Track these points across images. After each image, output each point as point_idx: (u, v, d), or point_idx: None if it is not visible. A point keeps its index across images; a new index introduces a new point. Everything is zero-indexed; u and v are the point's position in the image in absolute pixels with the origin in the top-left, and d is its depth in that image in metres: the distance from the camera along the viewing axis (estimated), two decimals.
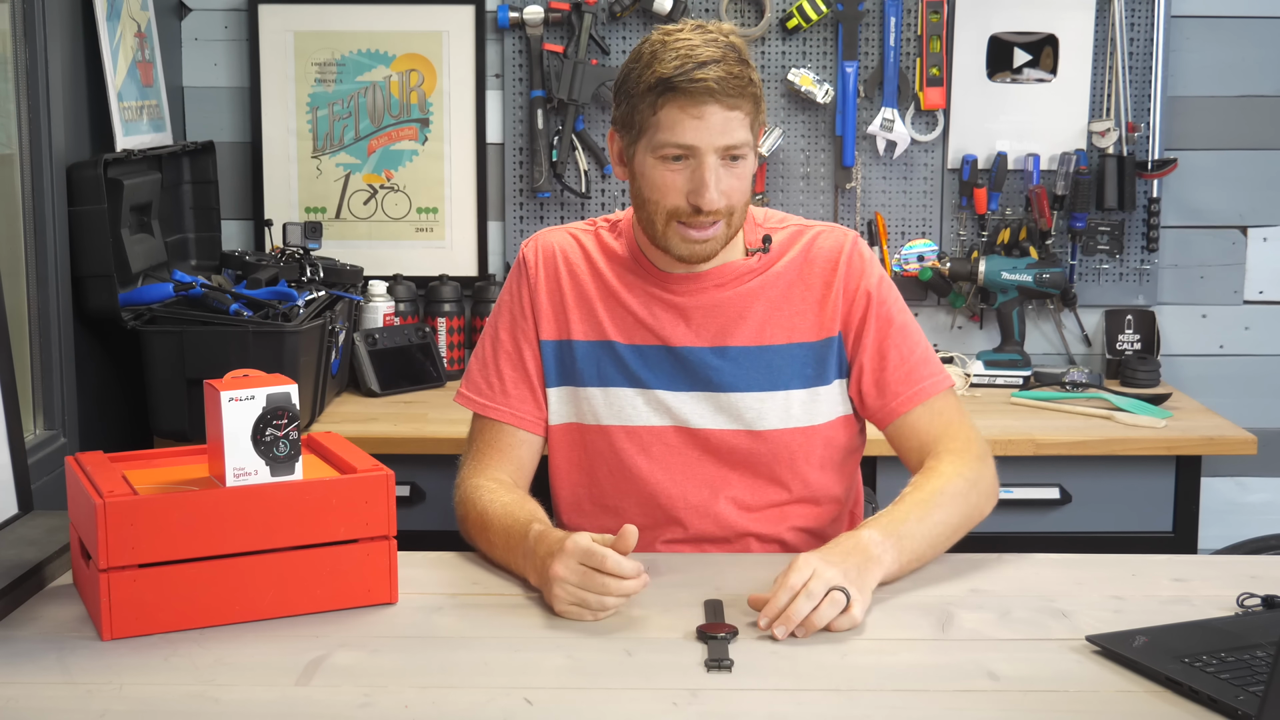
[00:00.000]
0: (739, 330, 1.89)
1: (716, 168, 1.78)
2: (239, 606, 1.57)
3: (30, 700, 1.39)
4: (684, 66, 1.75)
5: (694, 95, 1.75)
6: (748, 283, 1.91)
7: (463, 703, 1.38)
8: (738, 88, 1.76)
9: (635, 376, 1.90)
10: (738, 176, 1.81)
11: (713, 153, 1.77)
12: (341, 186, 3.23)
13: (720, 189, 1.78)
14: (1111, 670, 1.45)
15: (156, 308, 2.60)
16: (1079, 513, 2.75)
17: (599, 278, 1.93)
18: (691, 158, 1.78)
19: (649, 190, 1.82)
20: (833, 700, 1.39)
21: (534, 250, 1.97)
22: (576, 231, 1.98)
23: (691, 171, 1.78)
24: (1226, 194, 3.23)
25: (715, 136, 1.76)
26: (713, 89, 1.74)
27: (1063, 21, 3.16)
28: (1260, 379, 3.28)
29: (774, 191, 3.20)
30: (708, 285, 1.90)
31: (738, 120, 1.78)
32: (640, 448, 1.90)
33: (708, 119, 1.76)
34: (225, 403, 1.55)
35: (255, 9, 3.17)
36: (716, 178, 1.78)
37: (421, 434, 2.70)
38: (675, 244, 1.83)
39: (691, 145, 1.77)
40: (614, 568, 1.57)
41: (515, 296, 1.96)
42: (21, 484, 1.87)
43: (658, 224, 1.83)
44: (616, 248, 1.94)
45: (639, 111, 1.80)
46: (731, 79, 1.76)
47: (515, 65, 3.18)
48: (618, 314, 1.92)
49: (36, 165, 2.40)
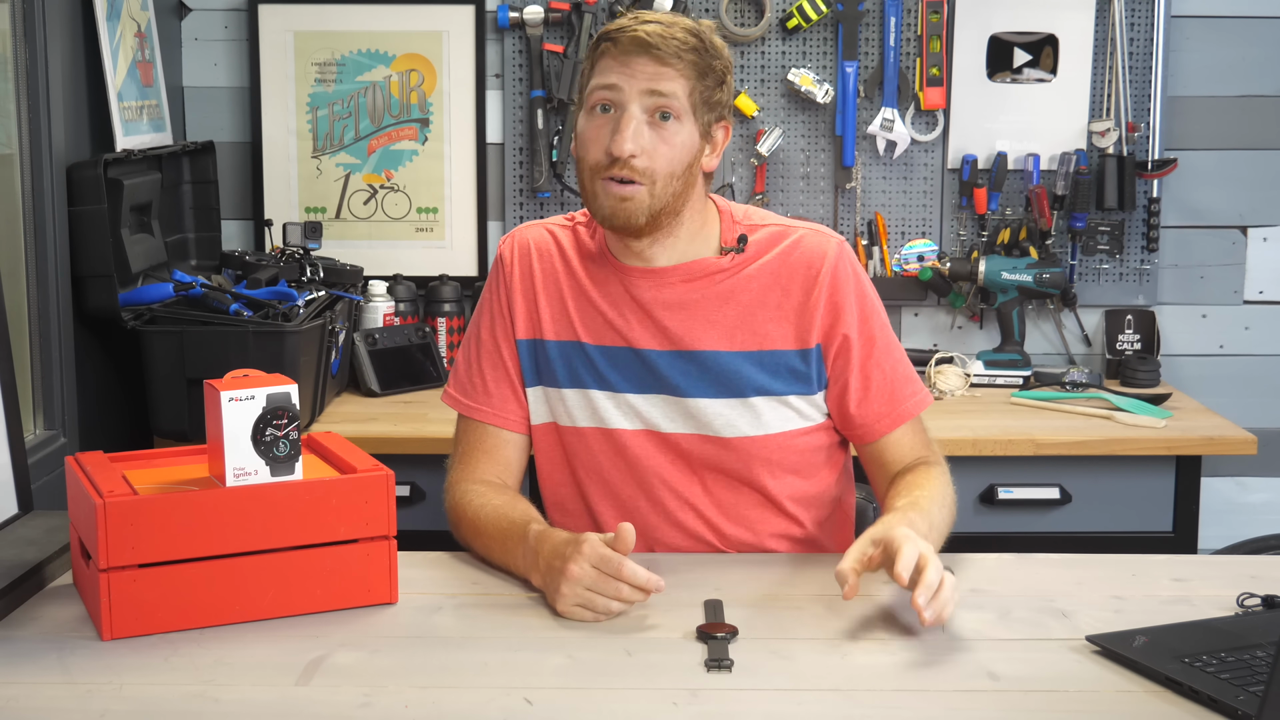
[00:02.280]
0: (707, 334, 1.84)
1: (639, 119, 1.75)
2: (239, 606, 1.57)
3: (30, 700, 1.39)
4: (624, 24, 1.77)
5: (624, 45, 1.76)
6: (719, 283, 1.85)
7: (463, 703, 1.38)
8: (674, 47, 1.75)
9: (604, 379, 1.86)
10: (664, 140, 1.76)
11: (636, 100, 1.75)
12: (341, 186, 3.23)
13: (640, 144, 1.75)
14: (1111, 670, 1.45)
15: (156, 308, 2.60)
16: (1079, 513, 2.75)
17: (572, 275, 1.90)
18: (616, 109, 1.77)
19: (579, 148, 1.81)
20: (833, 700, 1.39)
21: (510, 247, 1.94)
22: (554, 227, 1.95)
23: (615, 122, 1.76)
24: (1226, 194, 3.24)
25: (641, 81, 1.75)
26: (642, 39, 1.74)
27: (1063, 21, 3.16)
28: (1260, 379, 3.28)
29: (774, 191, 3.20)
30: (673, 280, 1.85)
31: (669, 75, 1.75)
32: (616, 450, 1.87)
33: (634, 67, 1.75)
34: (225, 403, 1.55)
35: (255, 9, 3.17)
36: (636, 129, 1.75)
37: (421, 434, 2.70)
38: (601, 204, 1.79)
39: (614, 85, 1.75)
40: (629, 576, 1.57)
41: (494, 294, 1.94)
42: (21, 484, 1.87)
43: (586, 183, 1.81)
44: (590, 245, 1.91)
45: (584, 75, 1.82)
46: (668, 37, 1.75)
47: (515, 65, 3.18)
48: (588, 314, 1.88)
49: (36, 165, 2.40)
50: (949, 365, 3.03)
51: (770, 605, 1.64)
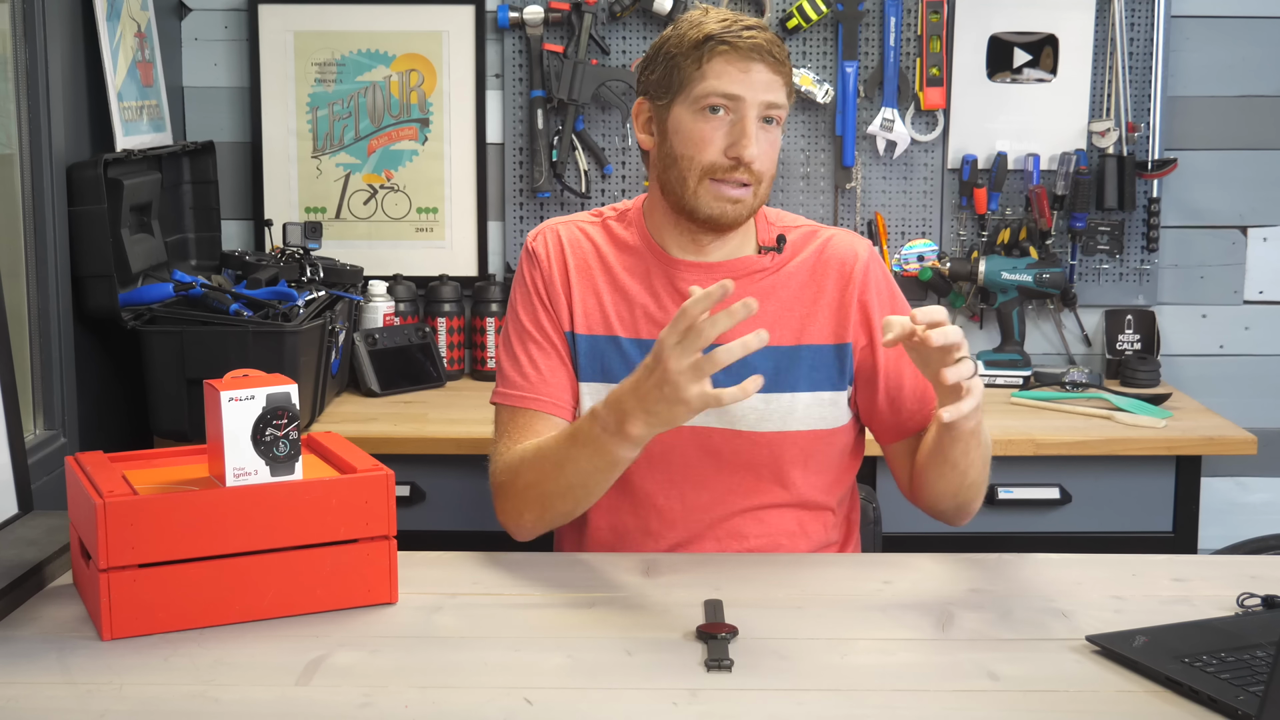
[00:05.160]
0: (746, 329, 1.85)
1: (757, 124, 1.80)
2: (239, 606, 1.57)
3: (30, 700, 1.39)
4: (732, 26, 1.80)
5: (742, 50, 1.79)
6: (759, 282, 1.90)
7: (463, 703, 1.38)
8: (782, 55, 1.82)
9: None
10: (771, 143, 1.83)
11: (755, 106, 1.80)
12: (341, 186, 3.23)
13: (760, 148, 1.80)
14: (1111, 670, 1.45)
15: (156, 308, 2.60)
16: (1079, 513, 2.75)
17: (607, 271, 1.92)
18: (732, 112, 1.80)
19: (684, 146, 1.82)
20: (833, 700, 1.39)
21: (542, 242, 1.95)
22: (583, 223, 1.97)
23: (731, 125, 1.80)
24: (1226, 194, 3.24)
25: (760, 91, 1.79)
26: (761, 45, 1.79)
27: (1063, 21, 3.16)
28: (1260, 379, 3.28)
29: (774, 191, 3.20)
30: (718, 275, 1.87)
31: (779, 84, 1.81)
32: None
33: (753, 74, 1.79)
34: (225, 403, 1.55)
35: (255, 9, 3.17)
36: (757, 135, 1.80)
37: (421, 434, 2.70)
38: (706, 203, 1.82)
39: (737, 95, 1.79)
40: (701, 310, 1.54)
41: (533, 286, 1.93)
42: (21, 484, 1.87)
43: (690, 181, 1.82)
44: (626, 237, 1.93)
45: (681, 69, 1.82)
46: (776, 45, 1.81)
47: (515, 65, 3.18)
48: (623, 307, 1.90)
49: (36, 165, 2.40)
50: None
51: (770, 605, 1.64)
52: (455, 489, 2.71)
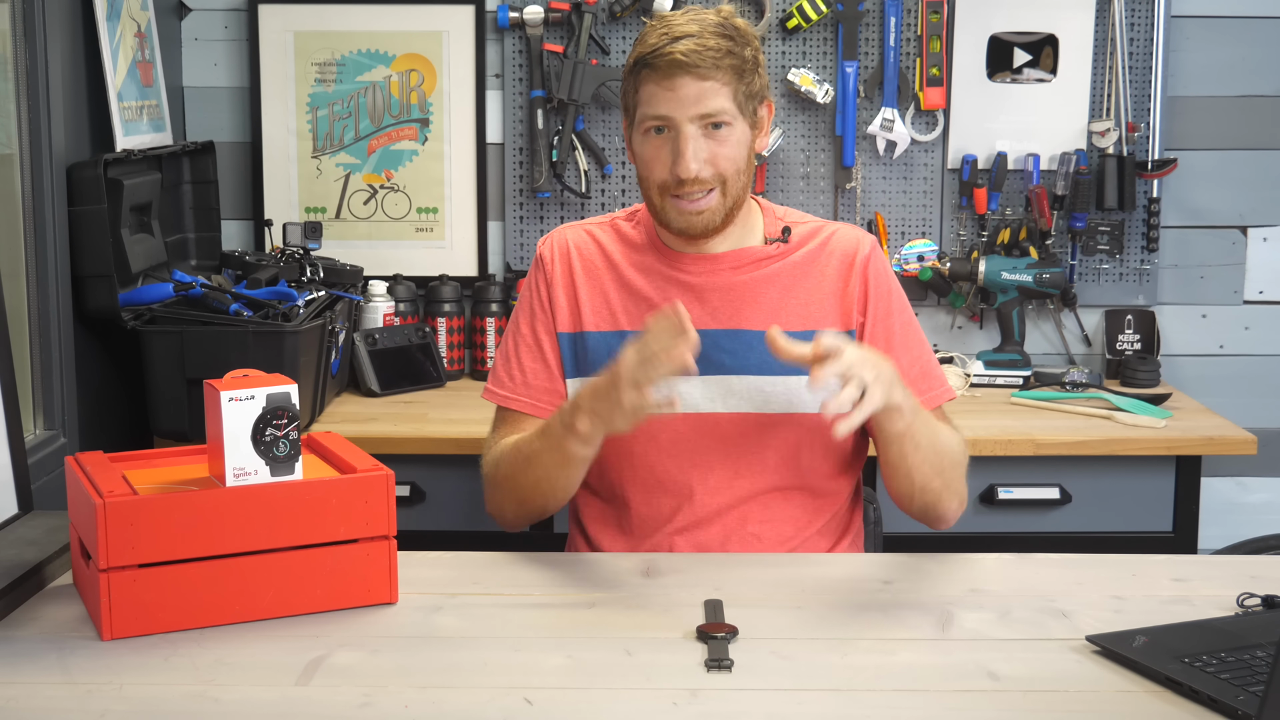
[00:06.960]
0: (752, 313, 1.92)
1: (696, 137, 1.82)
2: (239, 606, 1.57)
3: (30, 700, 1.39)
4: (659, 44, 1.82)
5: (664, 70, 1.82)
6: (764, 269, 1.94)
7: (463, 703, 1.38)
8: (711, 59, 1.81)
9: None
10: (722, 143, 1.84)
11: (688, 123, 1.82)
12: (341, 186, 3.23)
13: (701, 158, 1.83)
14: (1111, 670, 1.45)
15: (156, 308, 2.60)
16: (1079, 513, 2.75)
17: (613, 268, 1.97)
18: (670, 129, 1.84)
19: (640, 167, 1.89)
20: (833, 700, 1.39)
21: (550, 247, 2.01)
22: (592, 227, 2.02)
23: (672, 143, 1.84)
24: (1226, 194, 3.23)
25: (688, 107, 1.82)
26: (680, 61, 1.80)
27: (1063, 21, 3.16)
28: (1260, 379, 3.28)
29: (774, 192, 3.20)
30: (722, 268, 1.93)
31: (712, 89, 1.82)
32: (649, 435, 1.90)
33: (679, 90, 1.81)
34: (225, 403, 1.55)
35: (255, 9, 3.17)
36: (695, 147, 1.82)
37: (421, 434, 2.70)
38: (672, 217, 1.88)
39: (666, 116, 1.83)
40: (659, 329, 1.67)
41: (534, 290, 2.00)
42: (21, 484, 1.87)
43: (654, 199, 1.89)
44: (634, 236, 1.99)
45: (627, 95, 1.89)
46: (704, 50, 1.80)
47: (515, 65, 3.18)
48: (631, 302, 1.94)
49: (36, 165, 2.40)
50: (949, 365, 3.03)
51: (770, 605, 1.64)
52: (455, 489, 2.71)
